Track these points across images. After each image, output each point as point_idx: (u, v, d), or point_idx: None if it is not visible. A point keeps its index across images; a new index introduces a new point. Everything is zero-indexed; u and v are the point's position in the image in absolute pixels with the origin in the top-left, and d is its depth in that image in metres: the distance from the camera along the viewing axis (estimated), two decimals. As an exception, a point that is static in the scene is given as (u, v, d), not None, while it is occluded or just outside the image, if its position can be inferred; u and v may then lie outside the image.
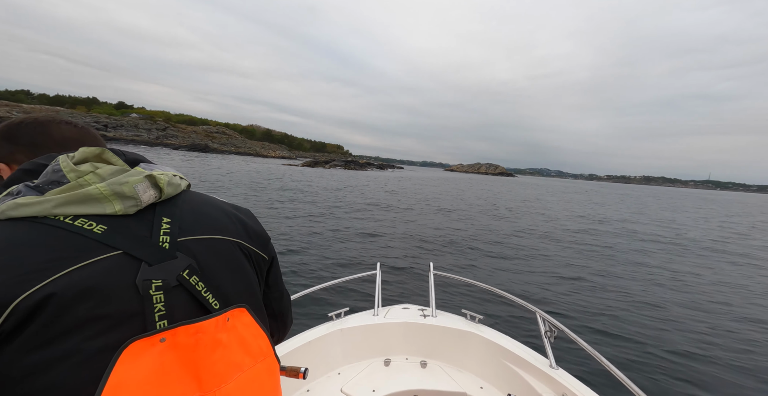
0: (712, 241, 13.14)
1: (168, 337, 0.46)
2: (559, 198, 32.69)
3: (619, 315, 4.89)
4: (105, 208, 0.49)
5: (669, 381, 3.40)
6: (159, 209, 0.55)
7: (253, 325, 0.57)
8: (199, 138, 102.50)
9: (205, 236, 0.57)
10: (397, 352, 1.98)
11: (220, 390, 0.48)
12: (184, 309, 0.50)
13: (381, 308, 2.18)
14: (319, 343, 1.81)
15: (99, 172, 0.51)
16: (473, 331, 1.94)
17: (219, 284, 0.55)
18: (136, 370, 0.43)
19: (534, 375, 1.64)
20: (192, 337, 0.48)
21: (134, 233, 0.50)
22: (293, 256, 6.72)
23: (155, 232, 0.52)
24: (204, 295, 0.52)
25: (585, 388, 1.50)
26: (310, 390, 1.67)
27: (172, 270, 0.49)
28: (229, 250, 0.59)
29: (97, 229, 0.47)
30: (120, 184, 0.50)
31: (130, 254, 0.47)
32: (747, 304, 5.90)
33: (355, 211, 13.01)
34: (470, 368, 1.89)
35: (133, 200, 0.51)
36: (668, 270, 7.73)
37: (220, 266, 0.56)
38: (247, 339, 0.55)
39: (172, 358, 0.46)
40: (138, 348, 0.43)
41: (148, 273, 0.47)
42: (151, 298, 0.47)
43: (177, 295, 0.49)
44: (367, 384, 1.70)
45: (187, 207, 0.59)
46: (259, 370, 0.55)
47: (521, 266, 7.20)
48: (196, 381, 0.47)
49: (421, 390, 1.69)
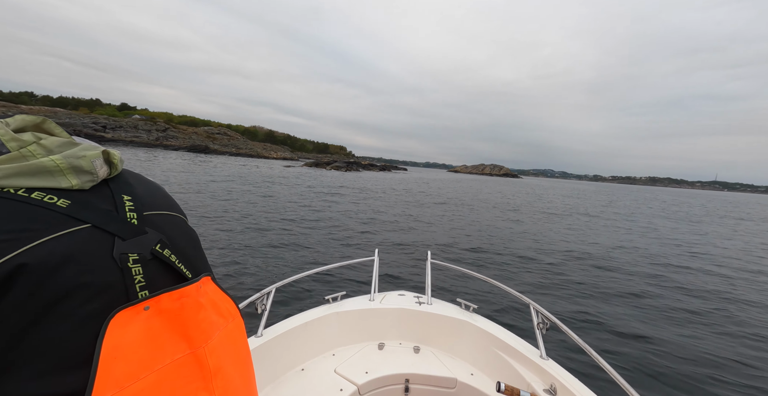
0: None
1: (152, 305, 0.48)
2: (599, 204, 30.78)
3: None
4: (59, 182, 0.47)
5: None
6: (113, 186, 0.55)
7: (219, 291, 0.62)
8: (200, 139, 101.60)
9: (163, 212, 0.60)
10: (391, 337, 2.02)
11: (207, 345, 0.53)
12: (162, 279, 0.53)
13: (377, 294, 2.23)
14: (316, 324, 1.86)
15: (44, 143, 0.49)
16: (467, 320, 1.97)
17: (187, 255, 0.59)
18: (127, 335, 0.44)
19: (524, 364, 1.65)
20: (177, 301, 0.51)
21: (99, 208, 0.50)
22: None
23: (120, 208, 0.52)
24: (178, 266, 0.55)
25: (573, 378, 1.51)
26: (304, 369, 1.72)
27: (145, 244, 0.52)
28: (183, 225, 0.64)
29: (61, 203, 0.46)
30: (77, 158, 0.49)
31: (101, 228, 0.48)
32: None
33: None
34: (462, 355, 1.91)
35: (89, 175, 0.51)
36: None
37: (183, 239, 0.60)
38: (218, 302, 0.60)
39: (158, 323, 0.48)
40: (124, 317, 0.45)
41: (124, 247, 0.49)
42: (130, 270, 0.48)
43: (153, 267, 0.52)
44: (360, 366, 1.74)
45: (139, 184, 0.60)
46: (232, 329, 0.60)
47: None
48: (185, 339, 0.50)
49: (413, 374, 1.72)
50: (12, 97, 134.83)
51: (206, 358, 0.52)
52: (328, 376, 1.66)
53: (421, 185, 35.03)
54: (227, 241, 6.88)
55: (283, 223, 9.21)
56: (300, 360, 1.76)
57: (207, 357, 0.52)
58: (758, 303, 5.79)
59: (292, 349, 1.75)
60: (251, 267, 5.49)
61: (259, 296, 1.71)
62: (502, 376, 1.68)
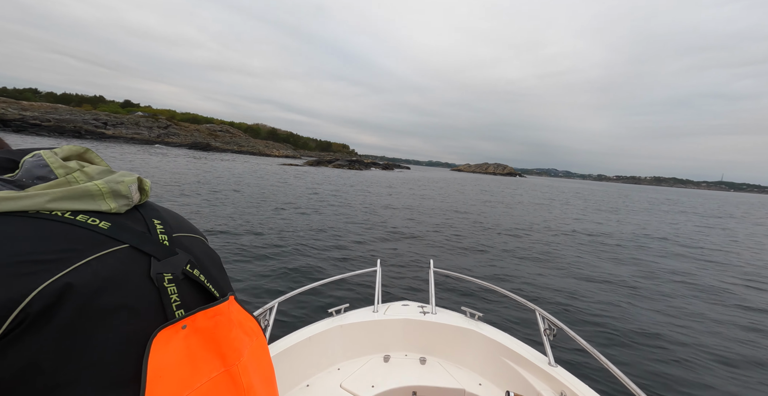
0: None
1: (188, 324, 0.50)
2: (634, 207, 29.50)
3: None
4: (100, 206, 0.51)
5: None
6: (143, 211, 0.59)
7: (242, 310, 0.64)
8: (202, 136, 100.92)
9: (188, 234, 0.63)
10: (397, 349, 1.99)
11: (239, 362, 0.55)
12: (194, 298, 0.55)
13: (381, 305, 2.18)
14: (319, 338, 1.83)
15: (86, 170, 0.53)
16: (472, 329, 1.93)
17: (212, 275, 0.61)
18: (169, 354, 0.46)
19: (533, 372, 1.62)
20: (211, 319, 0.53)
21: (136, 230, 0.53)
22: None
23: (152, 230, 0.55)
24: (207, 285, 0.57)
25: (584, 385, 1.48)
26: (309, 385, 1.69)
27: (177, 264, 0.54)
28: (206, 247, 0.67)
29: (102, 225, 0.49)
30: (116, 183, 0.53)
31: (138, 248, 0.50)
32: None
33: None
34: (469, 365, 1.88)
35: (126, 199, 0.54)
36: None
37: (207, 260, 0.63)
38: (242, 321, 0.62)
39: (196, 342, 0.50)
40: (165, 335, 0.47)
41: (159, 267, 0.51)
42: (166, 289, 0.50)
43: (186, 286, 0.54)
44: (366, 380, 1.72)
45: (163, 211, 0.64)
46: (256, 346, 0.62)
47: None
48: (220, 357, 0.52)
49: (420, 386, 1.69)
50: (16, 94, 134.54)
51: (240, 375, 0.53)
52: (333, 392, 1.64)
53: (425, 187, 33.69)
54: (223, 257, 5.88)
55: (280, 235, 8.44)
56: (305, 376, 1.74)
57: (240, 374, 0.54)
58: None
59: (297, 365, 1.72)
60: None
61: (261, 311, 1.67)
62: (511, 385, 1.65)
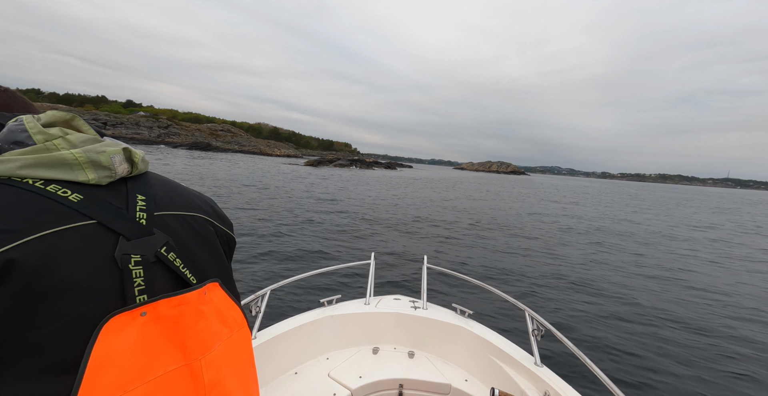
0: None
1: (149, 311, 0.46)
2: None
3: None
4: (77, 176, 0.47)
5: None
6: (131, 185, 0.54)
7: (226, 298, 0.59)
8: (203, 136, 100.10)
9: (181, 212, 0.58)
10: (386, 342, 2.00)
11: (204, 358, 0.50)
12: (164, 283, 0.50)
13: (373, 297, 2.20)
14: (310, 327, 1.84)
15: (69, 137, 0.49)
16: (462, 325, 1.94)
17: (195, 259, 0.56)
18: (120, 342, 0.42)
19: (518, 371, 1.64)
20: (175, 308, 0.49)
21: (110, 205, 0.49)
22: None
23: (131, 207, 0.51)
24: (182, 271, 0.53)
25: (567, 386, 1.48)
26: (297, 372, 1.71)
27: (150, 246, 0.49)
28: (203, 227, 0.61)
29: (72, 197, 0.45)
30: (97, 153, 0.49)
31: (106, 226, 0.46)
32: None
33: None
34: (456, 361, 1.89)
35: (107, 171, 0.50)
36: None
37: (195, 242, 0.58)
38: (223, 310, 0.57)
39: (154, 330, 0.46)
40: (119, 322, 0.43)
41: (127, 247, 0.47)
42: (130, 272, 0.46)
43: (156, 270, 0.50)
44: (354, 370, 1.73)
45: (159, 185, 0.59)
46: (236, 339, 0.58)
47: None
48: (181, 350, 0.48)
49: (407, 379, 1.71)
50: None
51: (202, 371, 0.49)
52: (321, 380, 1.65)
53: (433, 190, 32.38)
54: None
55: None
56: (293, 363, 1.74)
57: (203, 370, 0.49)
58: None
59: (286, 353, 1.72)
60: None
61: (253, 298, 1.66)
62: (497, 383, 1.66)
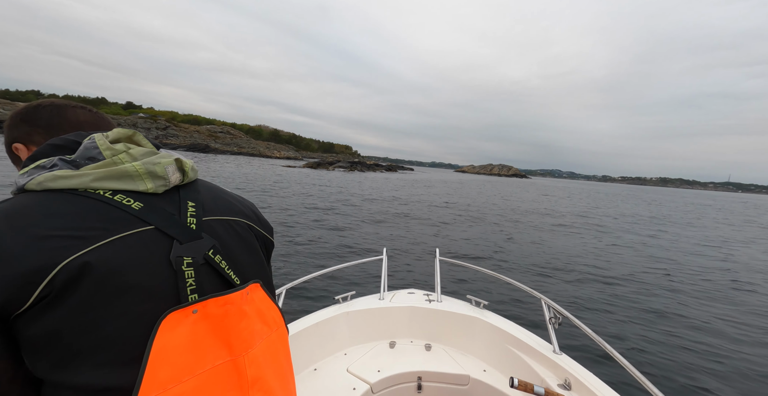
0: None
1: (199, 309, 0.51)
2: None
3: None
4: (138, 186, 0.53)
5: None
6: (183, 192, 0.60)
7: (266, 299, 0.63)
8: (202, 138, 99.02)
9: (225, 217, 0.63)
10: (402, 335, 2.01)
11: (247, 354, 0.54)
12: (211, 284, 0.55)
13: (387, 292, 2.21)
14: (326, 324, 1.86)
15: (132, 151, 0.56)
16: (478, 316, 1.95)
17: (238, 261, 0.61)
18: (175, 338, 0.47)
19: (537, 360, 1.64)
20: (221, 307, 0.53)
21: (165, 211, 0.54)
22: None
23: (183, 213, 0.56)
24: (227, 272, 0.57)
25: (588, 373, 1.48)
26: (317, 369, 1.72)
27: (199, 249, 0.54)
28: (245, 231, 0.66)
29: (135, 206, 0.51)
30: (153, 164, 0.55)
31: (162, 231, 0.52)
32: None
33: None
34: (474, 352, 1.90)
35: (162, 180, 0.56)
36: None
37: (238, 245, 0.62)
38: (263, 310, 0.61)
39: (204, 327, 0.51)
40: (174, 319, 0.48)
41: (180, 250, 0.52)
42: (183, 273, 0.51)
43: (204, 271, 0.54)
44: (372, 365, 1.74)
45: (206, 191, 0.65)
46: (275, 338, 0.62)
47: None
48: (227, 347, 0.52)
49: (425, 372, 1.71)
50: (18, 96, 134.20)
51: (245, 367, 0.53)
52: (340, 376, 1.67)
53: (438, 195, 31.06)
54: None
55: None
56: (312, 360, 1.76)
57: (246, 366, 0.53)
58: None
59: (305, 350, 1.74)
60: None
61: None
62: (515, 372, 1.65)
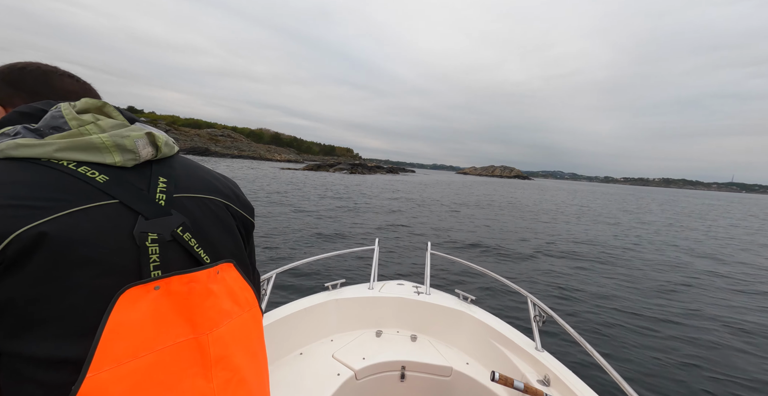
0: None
1: (162, 286, 0.50)
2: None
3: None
4: (105, 158, 0.51)
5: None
6: (155, 167, 0.57)
7: (240, 279, 0.62)
8: (202, 141, 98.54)
9: (199, 195, 0.61)
10: (389, 325, 2.04)
11: (212, 333, 0.53)
12: (178, 261, 0.54)
13: (376, 282, 2.25)
14: (315, 310, 1.89)
15: (100, 123, 0.53)
16: (464, 311, 1.98)
17: (210, 240, 0.59)
18: (133, 313, 0.46)
19: (519, 356, 1.66)
20: (186, 285, 0.52)
21: (133, 186, 0.53)
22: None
23: (152, 189, 0.54)
24: (196, 250, 0.56)
25: (567, 371, 1.50)
26: (302, 353, 1.75)
27: (166, 226, 0.53)
28: (221, 210, 0.64)
29: (99, 178, 0.49)
30: (122, 137, 0.53)
31: (128, 205, 0.50)
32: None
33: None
34: (458, 345, 1.92)
35: (132, 154, 0.53)
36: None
37: (211, 223, 0.61)
38: (235, 290, 0.60)
39: (166, 304, 0.50)
40: (134, 294, 0.47)
41: (145, 226, 0.50)
42: (147, 249, 0.50)
43: (171, 248, 0.53)
44: (358, 352, 1.77)
45: (182, 168, 0.62)
46: (246, 319, 0.61)
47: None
48: (190, 324, 0.51)
49: (409, 361, 1.74)
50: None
51: (209, 345, 0.52)
52: (326, 361, 1.69)
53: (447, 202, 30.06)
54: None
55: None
56: (299, 344, 1.78)
57: (210, 344, 0.53)
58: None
59: (292, 334, 1.77)
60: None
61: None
62: (497, 366, 1.68)
